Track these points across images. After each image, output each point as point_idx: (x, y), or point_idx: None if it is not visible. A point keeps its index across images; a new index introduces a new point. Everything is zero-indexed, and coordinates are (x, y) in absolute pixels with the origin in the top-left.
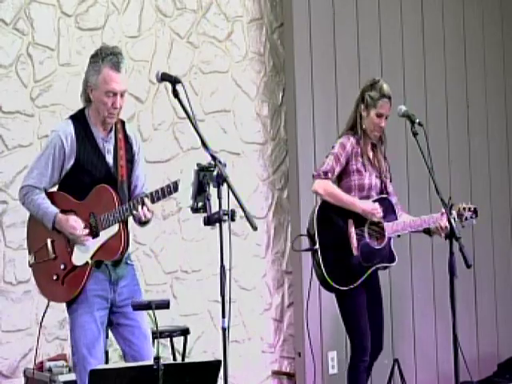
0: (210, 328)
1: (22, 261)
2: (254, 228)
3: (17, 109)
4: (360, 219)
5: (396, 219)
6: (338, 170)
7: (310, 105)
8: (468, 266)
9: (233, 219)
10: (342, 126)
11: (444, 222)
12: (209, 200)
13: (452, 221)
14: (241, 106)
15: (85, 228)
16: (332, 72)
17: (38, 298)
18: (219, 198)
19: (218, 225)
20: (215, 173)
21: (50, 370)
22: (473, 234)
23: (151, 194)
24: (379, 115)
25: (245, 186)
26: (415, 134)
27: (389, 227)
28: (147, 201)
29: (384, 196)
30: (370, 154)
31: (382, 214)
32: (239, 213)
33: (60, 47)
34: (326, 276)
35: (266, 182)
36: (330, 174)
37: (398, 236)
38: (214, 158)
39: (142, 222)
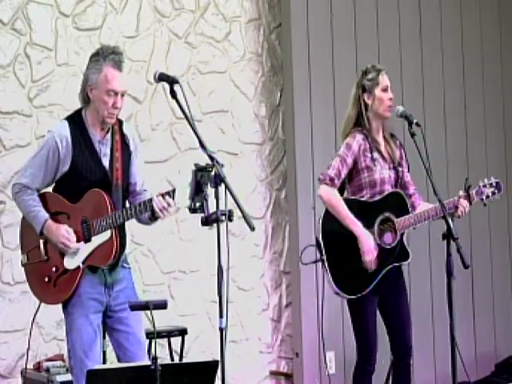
0: (207, 328)
1: (19, 261)
2: (252, 228)
3: (14, 109)
4: (369, 220)
5: (408, 212)
6: (344, 172)
7: (308, 105)
8: (465, 267)
9: (230, 219)
10: (340, 126)
11: (461, 208)
12: (206, 200)
13: (449, 220)
14: (239, 107)
15: (76, 232)
16: (329, 72)
17: (35, 299)
18: (217, 198)
19: (215, 225)
20: (213, 173)
21: (47, 370)
22: (470, 235)
23: (143, 202)
24: (385, 89)
25: (243, 186)
26: (413, 135)
27: (400, 223)
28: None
29: (395, 191)
30: (382, 146)
31: (373, 266)
32: (237, 213)
33: (58, 47)
34: (334, 286)
35: (264, 183)
36: (336, 180)
37: (414, 228)
38: (211, 158)
39: (151, 219)
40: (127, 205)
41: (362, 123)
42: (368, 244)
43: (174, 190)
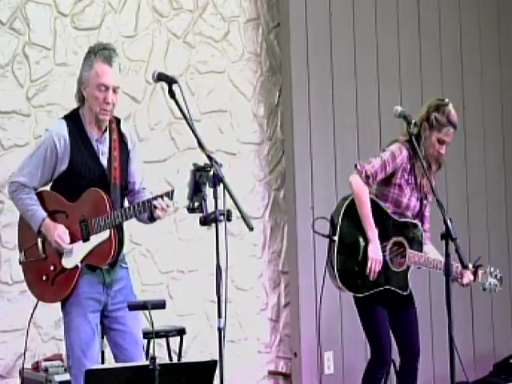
0: (206, 328)
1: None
2: (251, 228)
3: (13, 108)
4: (385, 233)
5: (421, 250)
6: (380, 177)
7: (306, 105)
8: (464, 267)
9: (229, 219)
10: (339, 127)
11: (467, 279)
12: (205, 200)
13: (448, 222)
14: (237, 106)
15: (75, 231)
16: (328, 72)
17: (34, 298)
18: (215, 198)
19: (214, 225)
20: (211, 173)
21: (46, 369)
22: (469, 235)
23: (142, 202)
24: (441, 142)
25: (241, 186)
26: (411, 135)
27: (411, 256)
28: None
29: (417, 224)
30: (419, 176)
31: (375, 276)
32: (235, 213)
33: (56, 47)
34: (336, 273)
35: (263, 182)
36: (371, 180)
37: (418, 268)
38: (210, 158)
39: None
40: (126, 204)
41: (418, 140)
42: (377, 253)
43: (172, 191)
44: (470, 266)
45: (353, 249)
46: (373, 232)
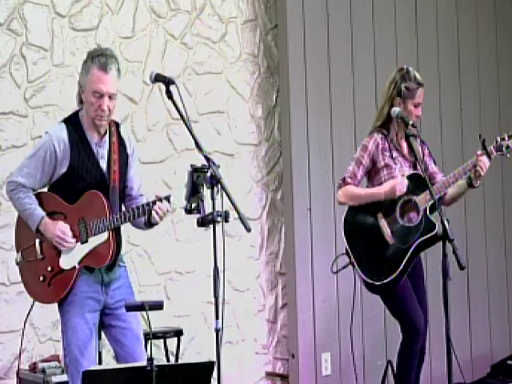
0: (203, 329)
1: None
2: (248, 229)
3: (10, 109)
4: (389, 206)
5: (427, 187)
6: (361, 173)
7: (304, 106)
8: (461, 268)
9: (226, 220)
10: (336, 127)
11: (483, 162)
12: (202, 201)
13: (445, 222)
14: (235, 108)
15: (74, 233)
16: (326, 73)
17: (31, 299)
18: (213, 199)
19: (211, 226)
20: (209, 174)
21: (43, 371)
22: (466, 236)
23: (142, 206)
24: (416, 105)
25: (239, 187)
26: (409, 136)
27: (421, 199)
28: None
29: (413, 173)
30: (404, 146)
31: (404, 187)
32: (233, 214)
33: (54, 48)
34: (370, 280)
35: (260, 184)
36: (349, 180)
37: (439, 201)
38: (207, 159)
39: (148, 225)
40: (123, 208)
41: (387, 124)
42: (389, 185)
43: (169, 196)
44: (479, 151)
45: (371, 245)
46: (375, 191)
